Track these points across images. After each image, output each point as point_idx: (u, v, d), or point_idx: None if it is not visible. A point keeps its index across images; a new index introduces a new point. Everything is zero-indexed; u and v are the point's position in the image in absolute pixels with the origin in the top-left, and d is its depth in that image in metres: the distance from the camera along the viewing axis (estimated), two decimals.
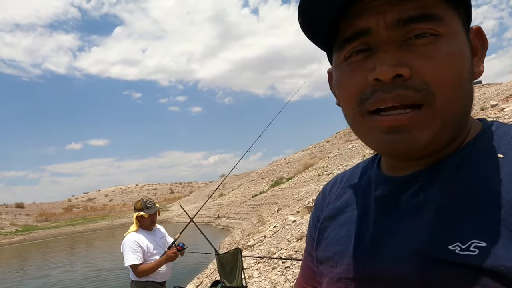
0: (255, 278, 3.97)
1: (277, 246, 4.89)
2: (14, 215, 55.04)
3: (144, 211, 2.96)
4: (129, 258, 2.80)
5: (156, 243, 3.02)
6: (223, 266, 2.83)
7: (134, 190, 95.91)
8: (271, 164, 38.84)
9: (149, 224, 3.03)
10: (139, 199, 3.12)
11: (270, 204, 18.06)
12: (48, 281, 12.66)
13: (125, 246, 2.87)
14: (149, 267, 2.82)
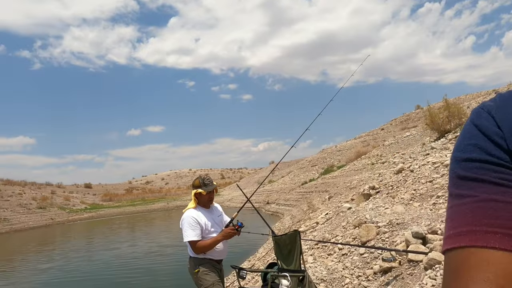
0: (310, 263, 3.86)
1: (332, 233, 4.72)
2: (83, 194, 60.77)
3: (202, 188, 2.97)
4: (188, 234, 2.84)
5: (213, 221, 3.01)
6: (280, 248, 2.77)
7: (188, 174, 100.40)
8: (321, 152, 38.15)
9: (207, 201, 3.04)
10: (196, 177, 3.13)
11: (321, 191, 17.80)
12: (118, 253, 13.85)
13: (184, 223, 2.91)
14: (207, 244, 2.84)
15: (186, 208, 3.05)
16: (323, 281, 3.28)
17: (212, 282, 2.86)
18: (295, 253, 2.57)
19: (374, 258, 3.29)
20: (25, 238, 26.41)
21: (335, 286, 3.18)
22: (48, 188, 56.42)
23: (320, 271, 3.48)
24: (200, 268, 2.92)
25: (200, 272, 2.90)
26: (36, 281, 10.29)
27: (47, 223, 37.73)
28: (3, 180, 50.77)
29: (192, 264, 2.99)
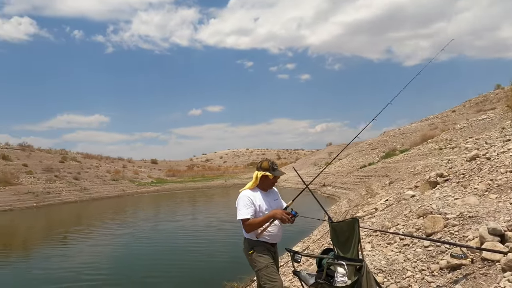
0: (368, 251, 3.67)
1: (392, 221, 4.44)
2: (150, 169, 65.70)
3: (270, 172, 2.96)
4: (241, 212, 2.85)
5: (269, 204, 2.99)
6: (337, 235, 2.65)
7: (245, 154, 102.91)
8: (382, 135, 36.29)
9: (268, 185, 3.04)
10: (263, 159, 3.10)
11: (381, 176, 17.05)
12: (180, 225, 14.94)
13: (239, 201, 2.92)
14: (257, 221, 2.83)
15: (244, 187, 3.05)
16: (381, 271, 3.11)
17: (265, 264, 2.85)
18: (352, 241, 2.44)
19: (440, 253, 3.02)
20: (102, 206, 29.54)
21: (395, 278, 3.01)
22: (120, 163, 61.91)
23: (379, 261, 3.30)
24: (255, 250, 2.92)
25: (254, 254, 2.90)
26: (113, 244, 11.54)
27: (119, 194, 41.67)
28: (83, 154, 56.80)
29: (246, 245, 3.01)
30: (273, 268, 2.84)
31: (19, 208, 28.96)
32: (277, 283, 2.77)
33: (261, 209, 2.91)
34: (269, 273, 2.82)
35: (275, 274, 2.82)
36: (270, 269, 2.83)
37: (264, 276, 2.81)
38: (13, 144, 46.40)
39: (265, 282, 2.81)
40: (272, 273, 2.82)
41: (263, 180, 2.99)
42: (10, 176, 33.58)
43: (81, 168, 45.79)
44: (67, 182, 38.68)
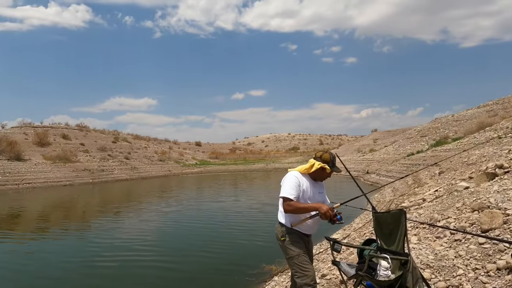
0: (414, 244, 3.44)
1: (442, 214, 4.11)
2: (194, 151, 68.00)
3: (329, 166, 2.80)
4: (286, 191, 2.71)
5: (313, 195, 2.84)
6: (381, 227, 2.48)
7: (287, 138, 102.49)
8: (434, 121, 34.10)
9: (321, 178, 2.89)
10: (325, 150, 2.95)
11: (430, 165, 16.10)
12: (223, 206, 15.38)
13: (286, 180, 2.79)
14: (299, 206, 2.68)
15: (294, 168, 2.92)
16: (428, 267, 2.89)
17: (297, 252, 2.72)
18: (398, 234, 2.29)
19: (498, 251, 2.73)
20: (150, 185, 31.21)
21: (444, 275, 2.78)
22: (166, 144, 64.73)
23: (426, 255, 3.08)
24: (287, 237, 2.80)
25: (286, 241, 2.79)
26: (161, 220, 12.20)
27: (165, 173, 43.72)
28: (133, 135, 60.07)
29: (279, 230, 2.88)
30: (305, 257, 2.72)
31: (78, 183, 31.52)
32: (309, 273, 2.63)
33: (304, 196, 2.76)
34: (301, 262, 2.69)
35: (307, 264, 2.69)
36: (302, 258, 2.71)
37: (295, 265, 2.69)
38: (71, 125, 50.31)
39: (296, 271, 2.69)
40: (304, 262, 2.69)
41: (319, 172, 2.83)
42: (70, 154, 36.53)
43: (131, 148, 48.54)
44: (118, 161, 41.28)
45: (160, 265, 6.70)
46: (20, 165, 31.09)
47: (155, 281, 5.89)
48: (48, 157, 34.73)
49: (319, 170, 2.80)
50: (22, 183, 28.73)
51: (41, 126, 44.68)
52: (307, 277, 2.62)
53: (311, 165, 2.80)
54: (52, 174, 31.72)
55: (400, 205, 6.32)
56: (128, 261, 7.12)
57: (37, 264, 7.28)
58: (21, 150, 32.94)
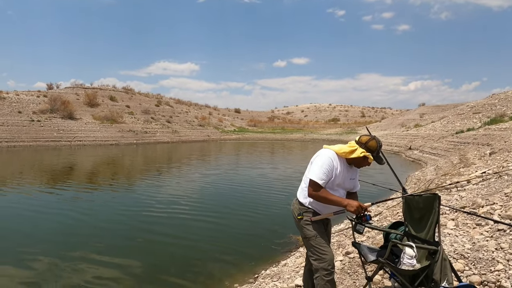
0: (450, 229, 3.16)
1: (487, 199, 3.73)
2: (233, 118, 68.71)
3: (373, 156, 2.47)
4: (316, 173, 2.43)
5: (343, 181, 2.56)
6: (411, 211, 2.24)
7: (327, 109, 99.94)
8: (490, 97, 31.29)
9: (358, 165, 2.57)
10: (371, 137, 2.53)
11: (480, 144, 14.96)
12: (261, 173, 15.67)
13: (319, 159, 2.50)
14: (325, 197, 2.42)
15: (331, 147, 2.58)
16: (462, 257, 2.63)
17: (315, 233, 2.50)
18: (429, 220, 2.05)
19: None
20: (189, 148, 32.26)
21: (480, 268, 2.50)
22: (207, 110, 65.89)
23: (462, 243, 2.81)
24: (304, 216, 2.58)
25: (303, 220, 2.57)
26: (202, 182, 12.80)
27: (205, 138, 44.87)
28: (175, 100, 61.69)
29: (296, 207, 2.66)
30: (321, 240, 2.49)
31: (123, 143, 33.38)
32: (327, 256, 2.44)
33: (334, 182, 2.49)
34: (318, 244, 2.48)
35: (325, 246, 2.48)
36: (320, 239, 2.49)
37: (312, 246, 2.50)
38: (118, 87, 52.55)
39: (313, 253, 2.50)
40: (322, 244, 2.48)
41: (359, 159, 2.50)
42: (116, 115, 38.49)
43: (173, 112, 50.03)
44: (161, 124, 42.89)
45: (202, 218, 7.52)
46: (72, 123, 33.36)
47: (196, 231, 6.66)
48: (97, 117, 36.86)
49: (361, 158, 2.48)
50: (74, 141, 30.96)
51: (91, 87, 47.13)
52: (324, 261, 2.44)
53: (352, 150, 2.48)
54: (100, 133, 33.77)
55: (441, 185, 5.93)
56: (175, 213, 7.99)
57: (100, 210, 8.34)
58: (73, 109, 35.21)
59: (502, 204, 3.42)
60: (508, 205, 3.33)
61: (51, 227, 6.92)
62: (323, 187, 2.44)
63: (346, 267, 3.16)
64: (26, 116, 31.14)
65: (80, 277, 4.56)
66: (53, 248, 5.62)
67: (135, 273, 4.73)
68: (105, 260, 5.12)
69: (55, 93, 39.77)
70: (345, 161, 2.52)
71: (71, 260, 5.06)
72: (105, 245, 5.79)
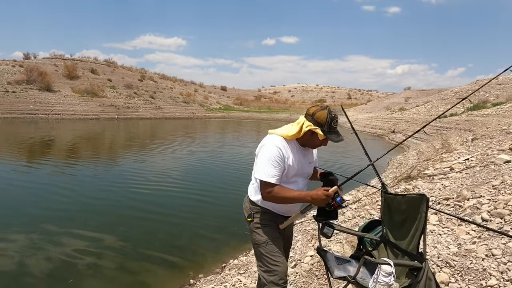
0: (431, 225, 2.83)
1: (473, 190, 3.45)
2: (219, 95, 67.56)
3: (325, 131, 1.91)
4: (265, 171, 1.91)
5: (301, 168, 2.04)
6: (391, 212, 1.79)
7: (314, 90, 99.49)
8: (474, 83, 31.57)
9: (314, 146, 2.06)
10: (322, 107, 1.98)
11: (463, 130, 15.01)
12: (248, 151, 15.43)
13: (264, 152, 1.96)
14: (287, 196, 1.92)
15: (277, 131, 2.05)
16: (448, 265, 2.22)
17: (265, 239, 2.02)
18: (412, 227, 1.61)
19: None
20: (173, 125, 31.57)
21: (469, 281, 2.07)
22: (192, 86, 64.50)
23: (446, 244, 2.45)
24: (255, 217, 2.08)
25: (254, 222, 2.08)
26: (187, 159, 12.60)
27: (189, 116, 43.99)
28: (160, 75, 60.00)
29: (247, 206, 2.16)
30: (276, 247, 2.02)
31: (103, 118, 32.31)
32: (279, 268, 1.96)
33: (289, 173, 1.99)
34: (269, 253, 2.00)
35: (277, 255, 2.00)
36: (271, 247, 2.00)
37: (261, 255, 2.03)
38: (100, 60, 50.51)
39: (262, 263, 2.02)
40: (274, 253, 1.99)
41: (308, 136, 1.97)
42: (97, 89, 37.07)
43: (157, 88, 48.64)
44: (144, 99, 41.66)
45: (186, 196, 7.56)
46: (50, 96, 31.94)
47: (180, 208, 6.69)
48: (77, 90, 35.42)
49: (309, 135, 1.97)
50: (52, 114, 29.73)
51: (71, 58, 45.14)
52: (275, 274, 1.96)
53: (300, 127, 1.96)
54: (79, 107, 32.53)
55: (423, 172, 5.73)
56: (160, 190, 7.93)
57: (82, 185, 8.19)
58: (51, 81, 33.65)
59: (490, 198, 3.12)
60: (497, 199, 3.02)
61: (32, 200, 6.79)
62: (278, 184, 1.93)
63: (314, 268, 2.75)
64: (0, 87, 29.59)
65: (61, 250, 4.55)
66: (34, 222, 5.58)
67: (115, 247, 4.78)
68: (87, 234, 5.11)
69: (31, 63, 37.86)
70: (297, 144, 2.02)
71: (53, 235, 5.03)
72: (87, 220, 5.76)
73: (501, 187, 3.26)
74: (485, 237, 2.40)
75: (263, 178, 1.91)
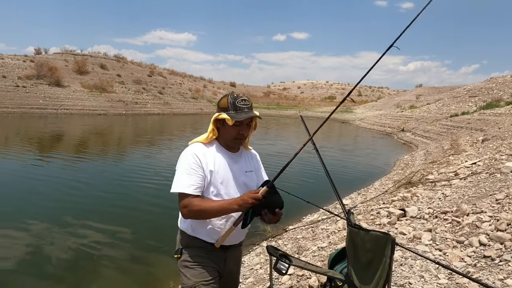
0: (423, 245, 2.49)
1: (474, 204, 3.07)
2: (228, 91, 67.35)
3: (230, 114, 1.63)
4: (180, 180, 1.60)
5: (234, 176, 1.70)
6: (356, 250, 1.47)
7: (324, 86, 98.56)
8: (488, 81, 30.68)
9: (233, 140, 1.71)
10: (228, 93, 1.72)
11: (474, 130, 14.52)
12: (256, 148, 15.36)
13: (179, 163, 1.68)
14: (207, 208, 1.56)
15: (193, 140, 1.78)
16: None
17: (193, 283, 1.62)
18: (378, 270, 1.31)
19: None
20: (181, 121, 31.56)
21: None
22: (201, 82, 64.50)
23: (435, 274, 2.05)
24: (183, 253, 1.70)
25: (181, 260, 1.70)
26: None
27: (197, 112, 43.95)
28: (169, 70, 60.15)
29: (177, 239, 1.79)
30: None
31: (112, 113, 32.47)
32: None
33: (215, 180, 1.65)
34: None
35: None
36: None
37: None
38: (110, 55, 50.76)
39: None
40: None
41: (224, 131, 1.69)
42: (106, 84, 37.28)
43: (166, 83, 48.68)
44: (152, 95, 41.74)
45: None
46: (59, 91, 32.21)
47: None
48: (86, 85, 35.65)
49: (222, 128, 1.69)
50: (61, 109, 29.98)
51: (81, 54, 45.45)
52: None
53: (211, 123, 1.71)
54: (88, 102, 32.74)
55: (425, 177, 5.42)
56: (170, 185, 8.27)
57: (93, 179, 8.46)
58: (61, 76, 33.92)
59: (491, 215, 2.76)
60: (499, 217, 2.63)
61: (46, 193, 7.01)
62: (198, 195, 1.60)
63: None
64: (11, 81, 29.93)
65: (75, 240, 4.76)
66: (48, 213, 5.79)
67: (128, 238, 4.98)
68: (99, 226, 5.30)
69: (42, 58, 38.24)
70: (221, 147, 1.72)
71: (66, 226, 5.25)
72: (98, 212, 5.97)
73: (506, 202, 2.91)
74: (481, 266, 2.06)
75: (177, 190, 1.59)
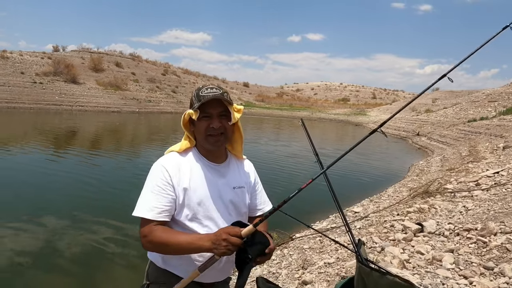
0: (445, 269, 2.30)
1: (502, 221, 2.74)
2: (241, 91, 67.40)
3: (193, 109, 1.36)
4: (142, 204, 1.30)
5: (220, 192, 1.37)
6: None
7: (338, 88, 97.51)
8: (508, 85, 29.72)
9: (204, 138, 1.37)
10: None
11: (493, 136, 14.00)
12: (266, 149, 15.45)
13: (147, 178, 1.37)
14: (169, 241, 1.22)
15: (169, 149, 1.47)
16: None
17: None
18: None
19: None
20: None
21: None
22: (215, 82, 64.68)
23: None
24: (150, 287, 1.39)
25: None
26: None
27: None
28: (183, 70, 60.52)
29: (145, 273, 1.46)
30: None
31: (125, 111, 32.79)
32: None
33: (190, 201, 1.32)
34: None
35: None
36: None
37: None
38: (125, 53, 51.41)
39: None
40: None
41: (198, 131, 1.38)
42: (121, 82, 37.73)
43: (179, 82, 49.01)
44: (166, 93, 42.05)
45: None
46: (74, 88, 32.72)
47: None
48: (101, 83, 36.14)
49: (193, 129, 1.40)
50: (76, 105, 30.43)
51: (97, 52, 46.17)
52: None
53: (182, 125, 1.45)
54: (102, 99, 33.16)
55: (443, 186, 5.17)
56: None
57: (107, 175, 8.60)
58: (77, 73, 34.49)
59: None
60: None
61: (61, 188, 7.15)
62: (162, 221, 1.28)
63: None
64: (29, 78, 30.55)
65: (88, 237, 4.83)
66: (62, 208, 5.87)
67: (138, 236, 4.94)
68: (110, 222, 5.36)
69: (60, 55, 38.96)
70: (203, 158, 1.40)
71: (80, 222, 5.33)
72: (111, 208, 6.01)
73: None
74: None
75: (137, 213, 1.29)
